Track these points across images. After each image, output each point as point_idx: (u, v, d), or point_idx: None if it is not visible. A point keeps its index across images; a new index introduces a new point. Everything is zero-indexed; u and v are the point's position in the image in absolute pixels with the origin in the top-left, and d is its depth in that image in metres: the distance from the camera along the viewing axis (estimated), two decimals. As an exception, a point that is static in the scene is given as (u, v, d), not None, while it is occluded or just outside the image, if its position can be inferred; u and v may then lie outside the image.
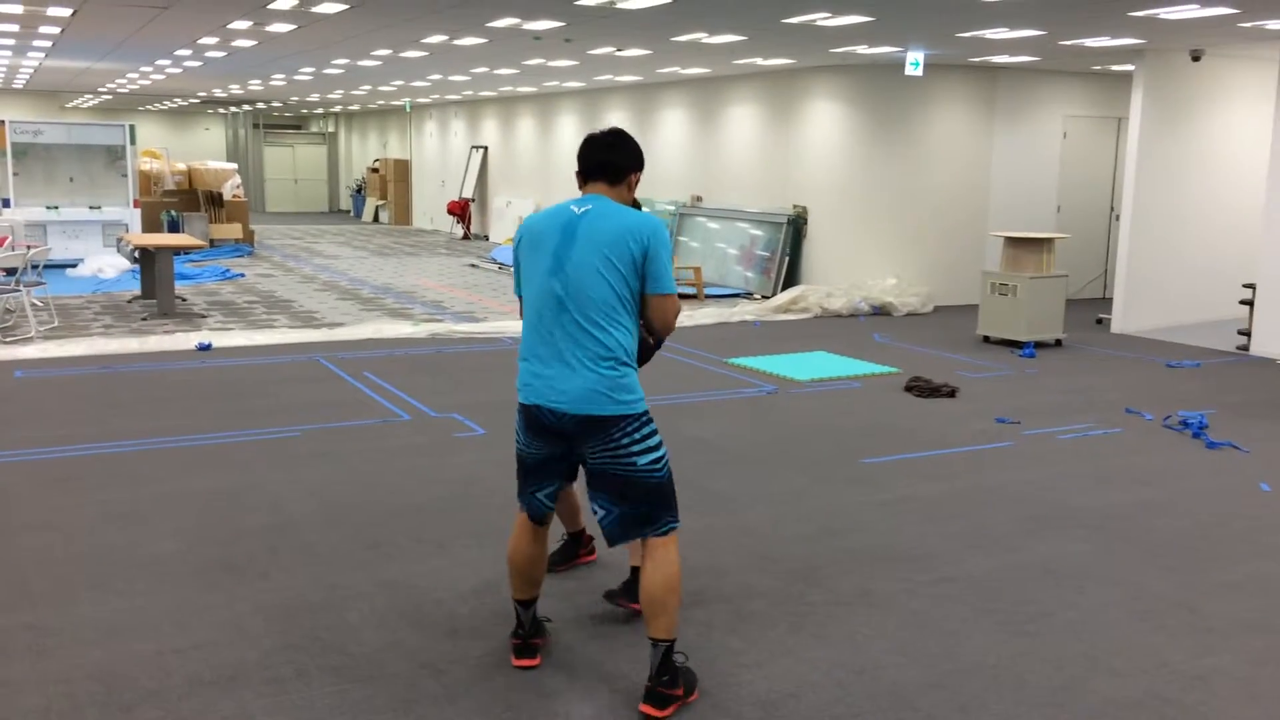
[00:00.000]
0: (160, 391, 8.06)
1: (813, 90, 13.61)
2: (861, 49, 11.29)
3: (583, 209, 3.47)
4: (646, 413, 3.50)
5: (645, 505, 3.47)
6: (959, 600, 4.38)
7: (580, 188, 3.61)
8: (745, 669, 3.76)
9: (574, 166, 3.68)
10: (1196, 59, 11.05)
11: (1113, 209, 14.23)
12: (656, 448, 3.49)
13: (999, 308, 10.60)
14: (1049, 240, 10.55)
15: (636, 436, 3.44)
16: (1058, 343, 10.61)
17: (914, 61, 11.68)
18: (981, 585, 4.54)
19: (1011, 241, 10.64)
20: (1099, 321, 11.99)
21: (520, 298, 3.59)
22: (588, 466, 3.54)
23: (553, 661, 3.82)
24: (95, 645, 3.89)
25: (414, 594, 4.38)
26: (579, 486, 3.94)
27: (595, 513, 3.55)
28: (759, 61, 13.00)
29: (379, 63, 14.99)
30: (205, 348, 9.75)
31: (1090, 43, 10.30)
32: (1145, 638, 4.06)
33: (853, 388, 8.55)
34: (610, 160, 3.56)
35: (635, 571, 4.05)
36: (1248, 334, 10.46)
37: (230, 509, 5.40)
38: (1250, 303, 10.41)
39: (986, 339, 10.75)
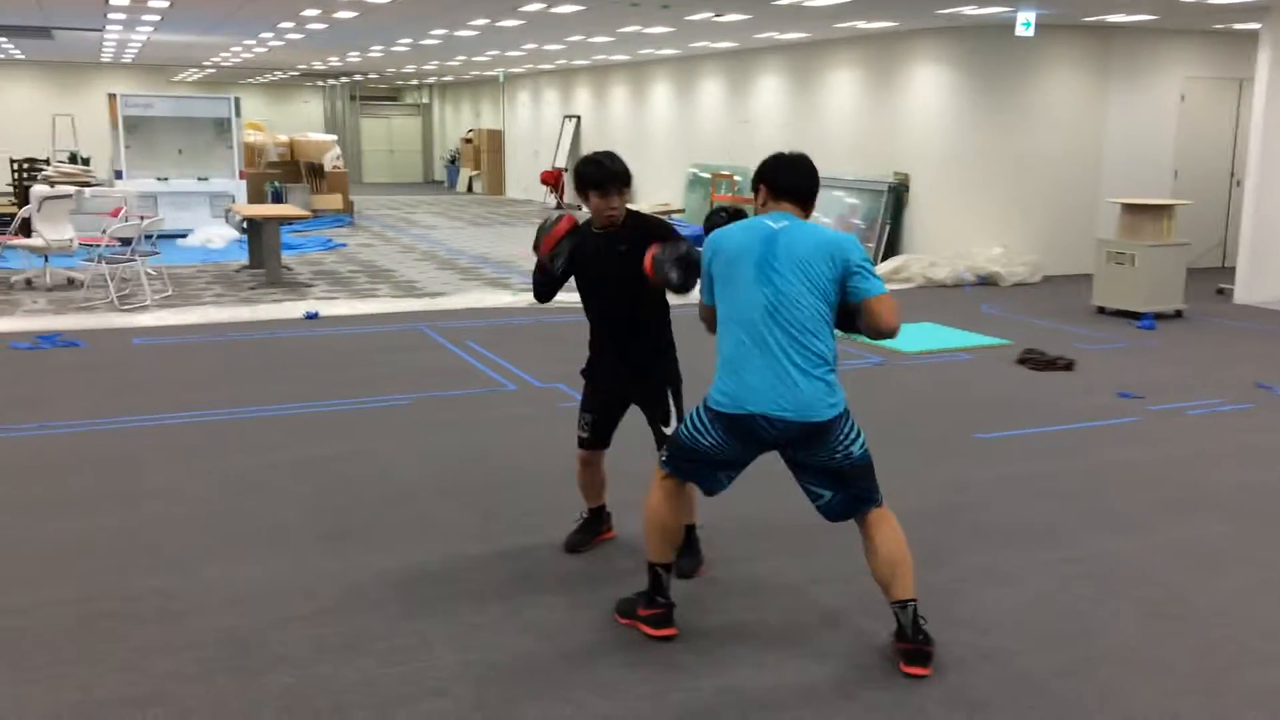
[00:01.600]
0: (272, 359, 8.20)
1: (915, 53, 13.25)
2: (969, 9, 10.94)
3: (779, 225, 3.55)
4: (849, 408, 3.60)
5: (862, 484, 3.62)
6: (1089, 581, 4.22)
7: (762, 200, 3.68)
8: (872, 651, 3.67)
9: (670, 134, 3.86)
10: (1330, 15, 10.47)
11: (1233, 174, 13.64)
12: (860, 433, 3.61)
13: (1115, 277, 10.23)
14: (1169, 207, 10.14)
15: (849, 431, 3.57)
16: (1178, 314, 10.21)
17: (1025, 21, 11.29)
18: (1113, 566, 4.37)
19: (1129, 208, 10.25)
20: (1220, 291, 11.51)
21: (709, 305, 3.68)
22: (800, 461, 3.61)
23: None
24: (224, 611, 3.95)
25: (531, 564, 4.36)
26: (758, 472, 3.92)
27: (816, 498, 3.65)
28: (860, 25, 12.70)
29: (476, 32, 15.02)
30: (313, 316, 9.90)
31: (1215, -1, 9.83)
32: (1294, 625, 3.87)
33: (962, 360, 8.33)
34: (809, 189, 3.67)
35: (689, 531, 4.15)
36: (1382, 305, 9.94)
37: (346, 477, 5.46)
38: (1386, 272, 9.88)
39: (1101, 310, 10.39)
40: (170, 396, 7.02)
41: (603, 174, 4.07)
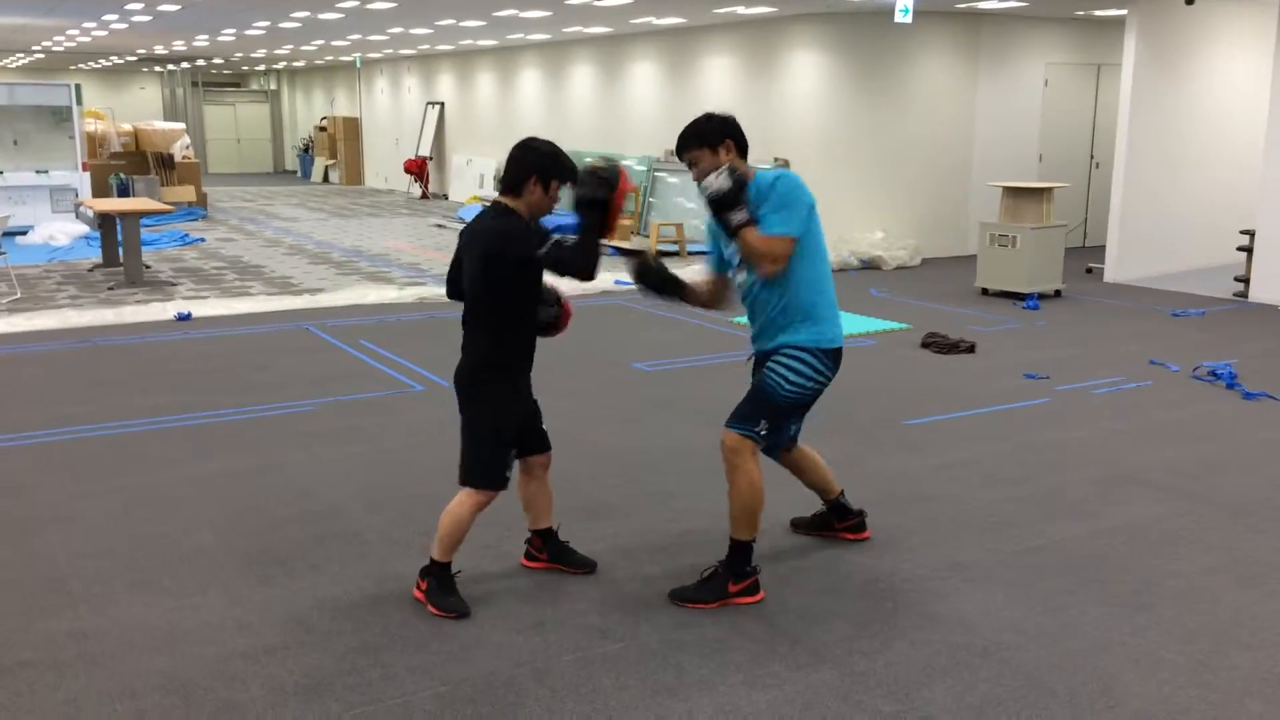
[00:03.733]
0: (149, 366, 7.63)
1: (794, 40, 13.29)
2: (852, -4, 11.00)
3: None
4: None
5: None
6: (1058, 571, 4.20)
7: (729, 156, 3.86)
8: (863, 656, 3.54)
9: (540, 121, 3.93)
10: (1190, 2, 10.90)
11: (1092, 157, 14.16)
12: None
13: (999, 259, 10.45)
14: (1048, 190, 10.41)
15: None
16: (1057, 293, 10.50)
17: (904, 8, 11.38)
18: (1073, 554, 4.37)
19: (1011, 192, 10.48)
20: (1089, 271, 11.90)
21: (793, 241, 3.78)
22: None
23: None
24: (154, 652, 3.56)
25: (488, 581, 4.09)
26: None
27: (793, 430, 4.20)
28: (740, 10, 12.64)
29: (340, 15, 14.38)
30: (185, 318, 9.28)
31: (1086, -13, 10.10)
32: (1261, 606, 3.91)
33: (868, 345, 8.35)
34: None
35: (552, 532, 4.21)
36: (1246, 281, 10.43)
37: (259, 494, 5.06)
38: (1249, 249, 10.37)
39: (985, 291, 10.61)
40: (43, 411, 6.43)
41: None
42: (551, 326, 3.88)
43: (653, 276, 3.96)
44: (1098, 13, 12.76)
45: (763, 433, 3.88)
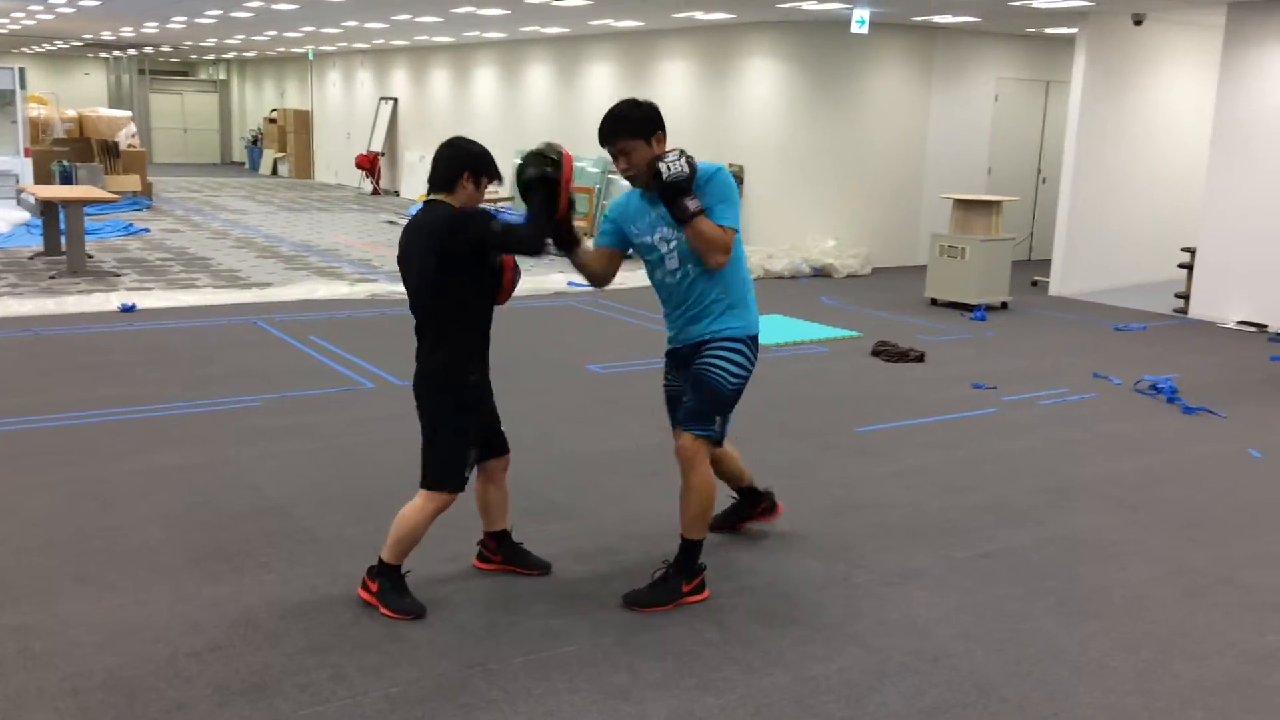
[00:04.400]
0: (93, 357, 7.48)
1: (751, 47, 13.36)
2: (808, 4, 11.07)
3: None
4: None
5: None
6: (1007, 578, 4.25)
7: (660, 145, 3.93)
8: (816, 661, 3.56)
9: (495, 120, 3.91)
10: (1138, 23, 11.13)
11: (1039, 172, 14.39)
12: None
13: (948, 270, 10.58)
14: (997, 203, 10.55)
15: None
16: (1004, 305, 10.65)
17: (860, 19, 11.51)
18: (1024, 562, 4.43)
19: (961, 204, 10.62)
20: (1034, 284, 12.09)
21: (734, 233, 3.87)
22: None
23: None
24: (98, 650, 3.49)
25: (440, 583, 4.06)
26: None
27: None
28: (698, 15, 12.68)
29: (295, 6, 14.22)
30: (129, 309, 9.11)
31: (1038, 2, 10.25)
32: (1202, 616, 3.99)
33: (820, 352, 8.41)
34: None
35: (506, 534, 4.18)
36: (1186, 297, 10.65)
37: (209, 490, 4.98)
38: (1189, 266, 10.60)
39: (934, 301, 10.74)
40: (-18, 401, 6.29)
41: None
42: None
43: (549, 189, 3.70)
44: (1049, 30, 12.98)
45: (718, 430, 3.92)
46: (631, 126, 3.84)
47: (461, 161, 3.74)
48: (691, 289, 3.91)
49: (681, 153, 3.76)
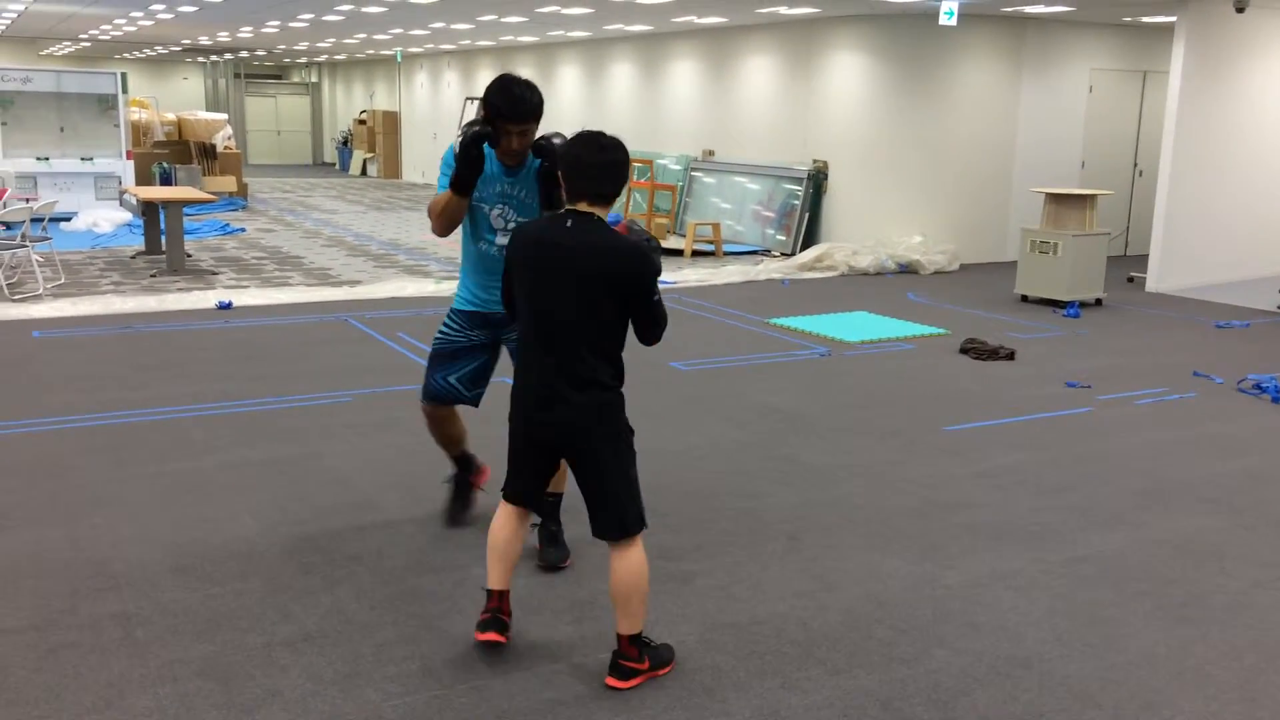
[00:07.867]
0: (191, 353, 7.69)
1: (835, 41, 13.23)
2: (896, -2, 10.93)
3: None
4: None
5: None
6: (1101, 582, 4.15)
7: None
8: (903, 663, 3.51)
9: (579, 119, 3.79)
10: (1241, 10, 10.75)
11: (1136, 165, 14.00)
12: None
13: (1039, 266, 10.35)
14: (1091, 197, 10.30)
15: None
16: (1098, 302, 10.39)
17: (948, 10, 11.31)
18: (1119, 565, 4.31)
19: (1053, 198, 10.38)
20: (1130, 280, 11.77)
21: None
22: None
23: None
24: (196, 638, 3.59)
25: (532, 581, 4.09)
26: None
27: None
28: (782, 10, 12.59)
29: (384, 9, 14.46)
30: (226, 306, 9.36)
31: (1136, -8, 9.98)
32: (1309, 623, 3.85)
33: (906, 349, 8.29)
34: None
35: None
36: (1291, 294, 10.28)
37: (300, 483, 5.09)
38: (1295, 262, 10.22)
39: (1025, 298, 10.51)
40: (86, 395, 6.50)
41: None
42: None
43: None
44: (1145, 19, 12.62)
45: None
46: (535, 110, 4.07)
47: (626, 169, 3.32)
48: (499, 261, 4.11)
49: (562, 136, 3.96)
